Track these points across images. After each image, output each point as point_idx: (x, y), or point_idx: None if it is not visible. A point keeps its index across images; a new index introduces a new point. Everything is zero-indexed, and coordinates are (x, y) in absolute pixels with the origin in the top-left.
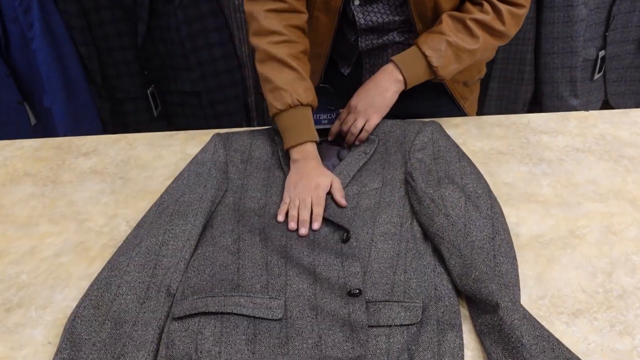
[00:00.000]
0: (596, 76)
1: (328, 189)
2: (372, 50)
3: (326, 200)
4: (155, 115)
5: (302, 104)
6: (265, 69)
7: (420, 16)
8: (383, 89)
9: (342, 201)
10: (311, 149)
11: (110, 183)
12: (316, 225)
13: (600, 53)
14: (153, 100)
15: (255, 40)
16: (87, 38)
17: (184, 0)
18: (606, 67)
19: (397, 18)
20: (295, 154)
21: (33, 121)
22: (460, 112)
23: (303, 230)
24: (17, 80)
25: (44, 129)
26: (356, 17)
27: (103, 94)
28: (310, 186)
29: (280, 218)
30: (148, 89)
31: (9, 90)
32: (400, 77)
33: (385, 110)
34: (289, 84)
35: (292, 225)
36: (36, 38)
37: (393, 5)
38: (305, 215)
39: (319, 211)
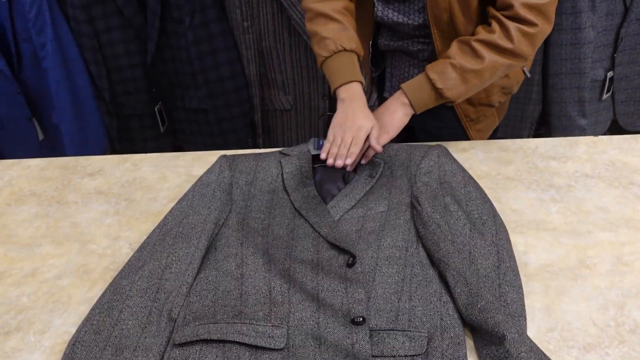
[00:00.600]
0: (604, 96)
1: (369, 132)
2: (393, 56)
3: (332, 224)
4: (162, 131)
5: (345, 50)
6: (313, 25)
7: (436, 20)
8: (392, 110)
9: (377, 147)
10: (357, 88)
11: (115, 204)
12: (349, 161)
13: (608, 74)
14: (160, 117)
15: (304, 3)
16: (98, 57)
17: (194, 21)
18: (615, 88)
19: (413, 22)
20: (341, 93)
21: (41, 136)
22: (463, 134)
23: (339, 162)
24: (27, 97)
25: (52, 144)
26: (375, 9)
27: (111, 111)
28: (353, 127)
29: (323, 155)
30: (155, 106)
31: (19, 107)
32: (407, 101)
33: (393, 130)
34: (333, 34)
35: (330, 161)
36: (48, 57)
37: (412, 9)
38: (342, 151)
39: (355, 150)
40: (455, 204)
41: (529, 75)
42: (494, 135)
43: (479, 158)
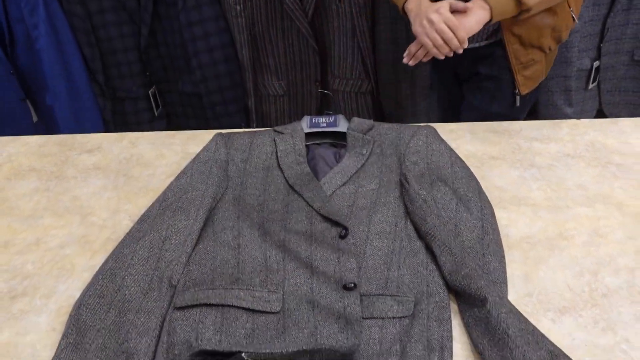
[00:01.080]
0: (590, 86)
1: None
2: None
3: (325, 198)
4: (156, 115)
5: None
6: None
7: None
8: (469, 11)
9: (461, 33)
10: None
11: (113, 179)
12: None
13: (594, 63)
14: (154, 101)
15: None
16: (91, 39)
17: (187, 4)
18: (601, 78)
19: None
20: (408, 4)
21: (35, 118)
22: (511, 83)
23: (453, 45)
24: (21, 78)
25: (46, 127)
26: None
27: (105, 94)
28: (430, 17)
29: (406, 60)
30: (150, 89)
31: (12, 88)
32: (487, 6)
33: (469, 29)
34: None
35: (435, 51)
36: (41, 38)
37: None
38: (446, 34)
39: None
40: (442, 182)
41: (577, 21)
42: (534, 101)
43: (466, 139)
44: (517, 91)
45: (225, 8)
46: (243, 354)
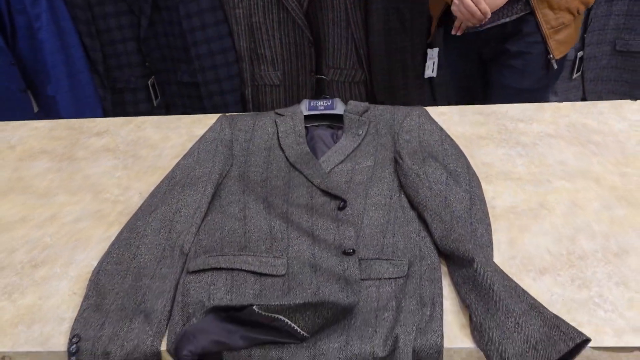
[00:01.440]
0: (575, 75)
1: None
2: None
3: (324, 174)
4: (155, 105)
5: None
6: None
7: None
8: None
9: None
10: None
11: (123, 160)
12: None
13: (578, 54)
14: (153, 91)
15: None
16: (92, 30)
17: None
18: (584, 67)
19: None
20: None
21: (36, 109)
22: (544, 49)
23: (477, 17)
24: (22, 69)
25: (47, 117)
26: None
27: (105, 84)
28: None
29: (454, 32)
30: (149, 79)
31: (14, 78)
32: None
33: (491, 3)
34: None
35: (467, 23)
36: (43, 28)
37: None
38: (470, 7)
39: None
40: (433, 158)
41: None
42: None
43: (455, 120)
44: (551, 56)
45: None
46: (254, 307)
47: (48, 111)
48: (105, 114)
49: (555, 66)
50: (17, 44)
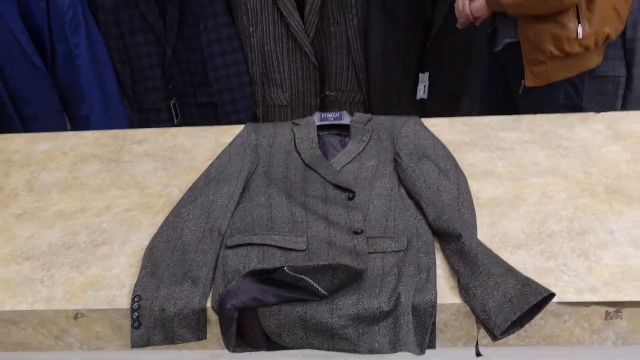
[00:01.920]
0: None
1: None
2: None
3: (335, 172)
4: (175, 124)
5: None
6: None
7: None
8: None
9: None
10: None
11: (162, 162)
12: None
13: None
14: (174, 111)
15: None
16: (123, 57)
17: (207, 26)
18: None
19: None
20: None
21: (69, 127)
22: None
23: (463, 16)
24: (59, 91)
25: None
26: None
27: (133, 105)
28: (457, 2)
29: (459, 26)
30: (170, 101)
31: (52, 100)
32: None
33: (474, 9)
34: None
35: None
36: (81, 55)
37: None
38: (457, 10)
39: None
40: (427, 158)
41: (580, 37)
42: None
43: (445, 130)
44: (523, 81)
45: (240, 29)
46: (284, 268)
47: (80, 130)
48: None
49: (520, 91)
50: (56, 68)
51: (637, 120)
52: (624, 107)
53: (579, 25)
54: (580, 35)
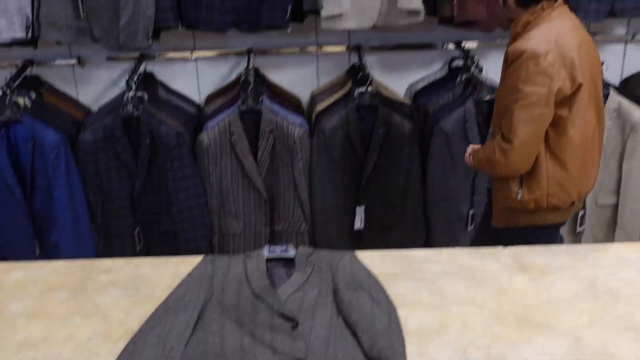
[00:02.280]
0: (469, 228)
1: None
2: None
3: (281, 302)
4: (137, 251)
5: None
6: None
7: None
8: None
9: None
10: None
11: (125, 291)
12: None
13: (470, 211)
14: (138, 239)
15: None
16: (97, 190)
17: (173, 165)
18: (475, 223)
19: None
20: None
21: (37, 252)
22: None
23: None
24: (33, 219)
25: (47, 259)
26: None
27: (101, 232)
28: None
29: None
30: (135, 229)
31: (24, 227)
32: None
33: (470, 160)
34: None
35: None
36: (58, 188)
37: None
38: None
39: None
40: (362, 289)
41: (519, 198)
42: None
43: (377, 263)
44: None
45: (201, 168)
46: None
47: (48, 255)
48: (98, 257)
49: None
50: (33, 199)
51: (539, 253)
52: None
53: (520, 190)
54: (519, 197)
